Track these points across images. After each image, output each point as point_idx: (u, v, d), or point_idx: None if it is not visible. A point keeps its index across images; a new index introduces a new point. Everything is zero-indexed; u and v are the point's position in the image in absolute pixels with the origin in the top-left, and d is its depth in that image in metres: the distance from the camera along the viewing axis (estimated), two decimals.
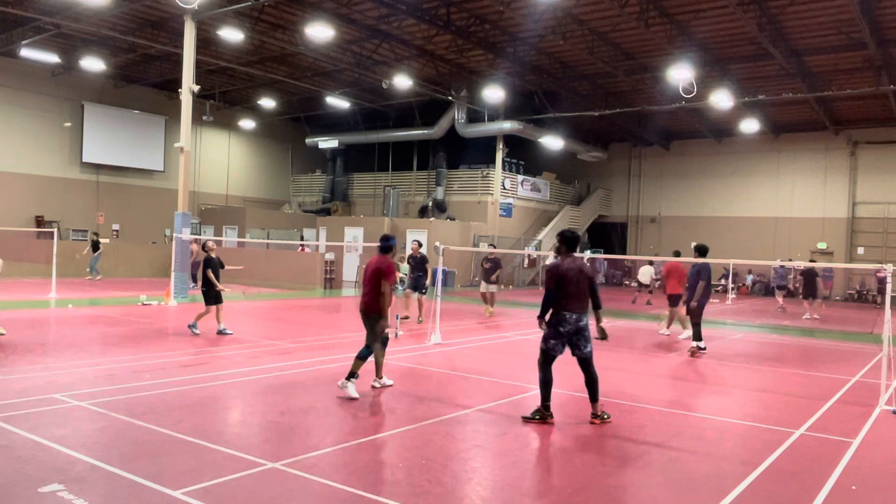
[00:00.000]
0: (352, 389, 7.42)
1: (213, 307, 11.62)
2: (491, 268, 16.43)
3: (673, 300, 13.48)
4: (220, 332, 11.55)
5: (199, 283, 12.29)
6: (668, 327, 14.24)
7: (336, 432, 6.14)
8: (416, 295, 14.68)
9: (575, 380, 9.26)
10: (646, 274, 23.38)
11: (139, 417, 6.21)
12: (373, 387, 7.89)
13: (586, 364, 6.84)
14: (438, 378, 8.91)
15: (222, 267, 12.08)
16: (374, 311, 7.67)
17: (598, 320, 6.92)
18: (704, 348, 11.79)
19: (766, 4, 18.11)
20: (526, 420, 6.78)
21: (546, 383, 6.83)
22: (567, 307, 6.73)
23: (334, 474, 5.01)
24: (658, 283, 22.87)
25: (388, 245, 7.93)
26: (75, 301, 16.11)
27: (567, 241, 7.03)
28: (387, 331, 7.91)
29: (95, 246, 22.81)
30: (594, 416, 6.81)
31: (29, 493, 4.37)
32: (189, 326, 11.68)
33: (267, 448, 5.53)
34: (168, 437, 5.69)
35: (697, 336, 11.71)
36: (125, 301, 16.81)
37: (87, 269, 22.76)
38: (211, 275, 11.57)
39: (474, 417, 6.96)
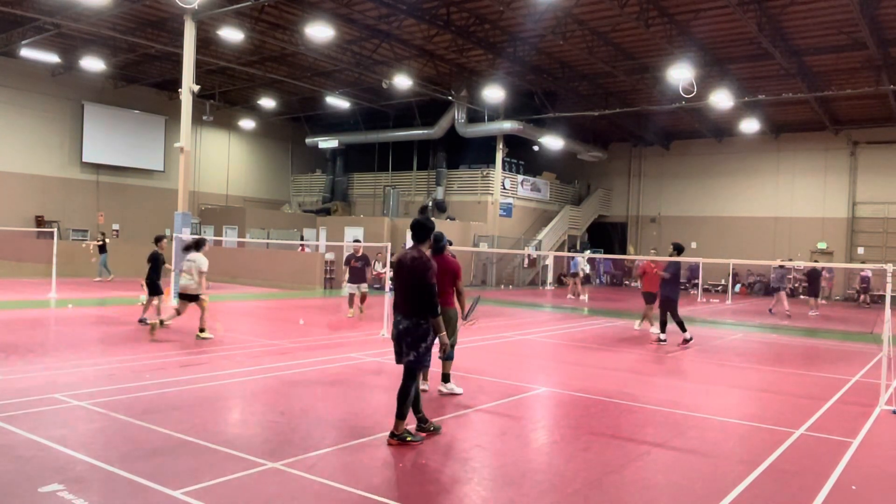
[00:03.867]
0: (454, 387, 7.88)
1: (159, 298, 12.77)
2: (362, 266, 15.50)
3: (648, 298, 14.40)
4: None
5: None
6: (640, 324, 15.22)
7: (336, 432, 6.13)
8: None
9: (576, 380, 9.27)
10: (581, 265, 26.19)
11: (139, 417, 6.21)
12: (427, 389, 8.03)
13: (404, 374, 5.90)
14: (438, 378, 8.90)
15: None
16: (450, 307, 7.94)
17: (436, 329, 5.81)
18: (665, 340, 13.01)
19: (766, 4, 18.10)
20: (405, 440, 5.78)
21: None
22: (395, 307, 6.01)
23: (334, 474, 5.01)
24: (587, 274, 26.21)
25: (441, 245, 8.04)
26: (75, 301, 16.11)
27: (413, 230, 6.05)
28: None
29: (102, 248, 22.81)
30: (392, 434, 5.79)
31: (29, 493, 4.37)
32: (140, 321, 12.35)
33: (267, 448, 5.53)
34: (168, 437, 5.69)
35: (663, 328, 13.10)
36: (125, 301, 16.80)
37: (98, 272, 22.72)
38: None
39: (474, 417, 6.95)
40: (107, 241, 23.03)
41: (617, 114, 28.02)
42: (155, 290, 12.55)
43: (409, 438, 5.77)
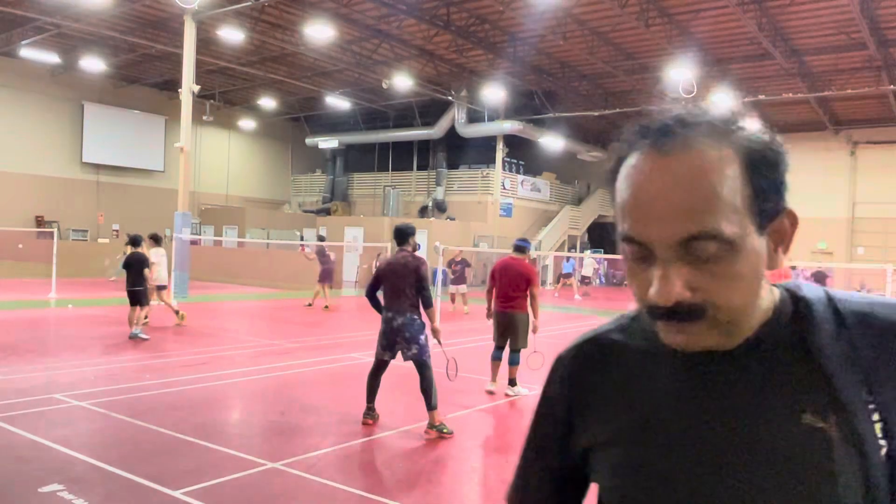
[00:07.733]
0: (520, 389, 7.89)
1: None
2: (462, 269, 17.63)
3: None
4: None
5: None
6: None
7: (336, 432, 6.13)
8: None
9: None
10: (588, 267, 26.37)
11: (139, 417, 6.21)
12: (506, 394, 7.97)
13: (417, 368, 6.19)
14: (439, 378, 8.90)
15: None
16: (522, 312, 7.87)
17: (431, 320, 6.28)
18: None
19: (766, 4, 18.10)
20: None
21: (369, 387, 6.39)
22: (385, 305, 6.27)
23: (334, 474, 5.01)
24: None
25: (522, 245, 8.17)
26: (75, 301, 16.11)
27: (395, 235, 6.45)
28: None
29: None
30: (430, 426, 6.10)
31: (29, 493, 4.37)
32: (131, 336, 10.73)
33: (267, 448, 5.53)
34: (168, 437, 5.69)
35: None
36: (125, 301, 16.77)
37: (117, 272, 22.70)
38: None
39: (474, 417, 6.96)
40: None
41: (617, 114, 28.02)
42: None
43: (445, 431, 6.02)
